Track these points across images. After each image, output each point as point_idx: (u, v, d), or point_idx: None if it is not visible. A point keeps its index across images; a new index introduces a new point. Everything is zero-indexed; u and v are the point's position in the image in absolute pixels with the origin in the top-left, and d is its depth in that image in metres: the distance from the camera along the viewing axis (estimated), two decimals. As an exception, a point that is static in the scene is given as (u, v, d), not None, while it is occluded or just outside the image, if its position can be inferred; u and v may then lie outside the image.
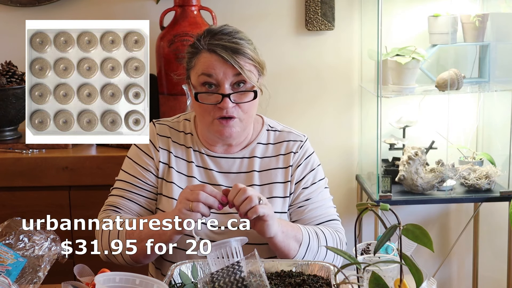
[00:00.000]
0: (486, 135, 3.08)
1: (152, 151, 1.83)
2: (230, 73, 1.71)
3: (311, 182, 1.84)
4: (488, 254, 3.20)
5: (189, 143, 1.85)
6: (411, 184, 2.80)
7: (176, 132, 1.87)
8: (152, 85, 2.86)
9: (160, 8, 2.88)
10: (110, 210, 1.81)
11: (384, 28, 2.73)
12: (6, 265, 1.51)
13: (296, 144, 1.86)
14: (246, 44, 1.75)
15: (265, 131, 1.89)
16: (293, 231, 1.69)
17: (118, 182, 1.86)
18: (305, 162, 1.85)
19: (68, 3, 2.99)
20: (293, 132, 1.89)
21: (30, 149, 2.60)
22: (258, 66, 1.76)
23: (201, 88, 1.74)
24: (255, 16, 3.01)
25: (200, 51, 1.74)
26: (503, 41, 2.96)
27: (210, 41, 1.73)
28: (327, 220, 1.82)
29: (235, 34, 1.75)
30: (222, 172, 1.83)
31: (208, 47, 1.72)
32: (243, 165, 1.83)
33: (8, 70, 2.63)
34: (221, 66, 1.71)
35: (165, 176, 1.82)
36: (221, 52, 1.70)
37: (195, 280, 1.50)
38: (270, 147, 1.86)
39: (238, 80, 1.72)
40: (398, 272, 1.29)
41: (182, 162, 1.83)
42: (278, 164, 1.84)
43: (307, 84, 3.07)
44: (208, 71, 1.72)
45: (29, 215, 2.45)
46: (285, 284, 1.49)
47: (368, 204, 1.31)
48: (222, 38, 1.73)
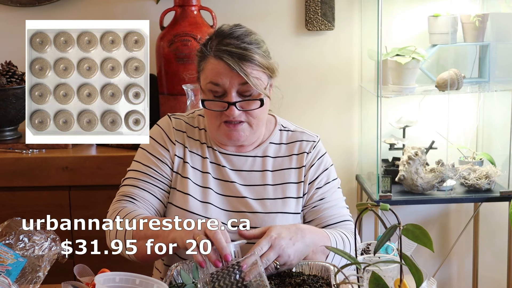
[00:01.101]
0: (486, 135, 3.08)
1: (168, 143, 1.81)
2: (236, 82, 1.68)
3: (325, 182, 1.84)
4: (488, 254, 3.20)
5: (203, 138, 1.84)
6: (411, 184, 2.80)
7: (191, 127, 1.85)
8: (152, 85, 2.87)
9: (160, 8, 2.88)
10: (125, 200, 1.76)
11: (384, 28, 2.73)
12: (6, 265, 1.51)
13: (309, 144, 1.86)
14: (255, 48, 1.71)
15: (277, 131, 1.88)
16: (319, 240, 1.64)
17: (131, 172, 1.81)
18: (318, 162, 1.85)
19: (68, 3, 2.99)
20: (306, 133, 1.89)
21: (30, 149, 2.60)
22: (267, 71, 1.74)
23: (208, 94, 1.73)
24: (255, 16, 3.01)
25: (207, 56, 1.72)
26: (503, 41, 2.96)
27: (217, 46, 1.70)
28: (341, 221, 1.81)
29: (244, 38, 1.71)
30: (234, 169, 1.81)
31: (215, 53, 1.70)
32: (255, 163, 1.82)
33: (8, 70, 2.63)
34: (227, 73, 1.68)
35: (180, 171, 1.80)
36: (228, 59, 1.67)
37: (196, 280, 1.50)
38: (283, 147, 1.86)
39: (245, 88, 1.70)
40: (398, 272, 1.29)
41: (197, 157, 1.82)
42: (292, 164, 1.84)
43: (307, 84, 3.07)
44: (215, 80, 1.69)
45: (29, 215, 2.45)
46: (285, 284, 1.49)
47: (368, 204, 1.31)
48: (230, 43, 1.69)
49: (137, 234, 1.64)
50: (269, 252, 1.51)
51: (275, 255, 1.52)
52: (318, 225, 1.79)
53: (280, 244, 1.53)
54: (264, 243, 1.51)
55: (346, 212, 1.84)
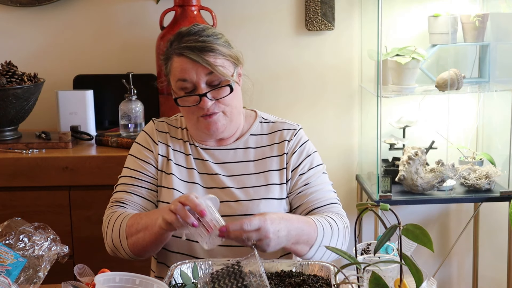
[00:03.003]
0: (486, 135, 3.08)
1: (151, 144, 1.88)
2: (202, 73, 1.74)
3: (308, 167, 1.86)
4: (488, 254, 3.20)
5: (185, 137, 1.89)
6: (411, 184, 2.80)
7: (174, 128, 1.92)
8: (152, 85, 2.87)
9: (160, 8, 2.88)
10: (116, 206, 1.84)
11: (384, 28, 2.73)
12: (6, 265, 1.51)
13: (290, 132, 1.89)
14: (214, 39, 1.77)
15: (258, 123, 1.93)
16: (304, 236, 1.68)
17: (121, 179, 1.89)
18: (300, 149, 1.87)
19: (68, 3, 2.99)
20: (286, 122, 1.93)
21: (30, 149, 2.60)
22: (231, 58, 1.79)
23: (180, 92, 1.79)
24: (255, 16, 3.01)
25: (171, 57, 1.79)
26: (503, 41, 2.96)
27: (178, 45, 1.77)
28: (327, 204, 1.82)
29: (201, 32, 1.78)
30: (217, 163, 1.86)
31: (176, 51, 1.77)
32: (237, 155, 1.87)
33: (8, 70, 2.63)
34: (192, 67, 1.74)
35: (164, 169, 1.86)
36: (189, 54, 1.74)
37: (196, 280, 1.50)
38: (264, 137, 1.90)
39: (212, 77, 1.75)
40: (398, 272, 1.29)
41: (180, 155, 1.87)
42: (273, 152, 1.87)
43: (307, 84, 3.07)
44: (182, 76, 1.76)
45: (29, 215, 2.47)
46: (285, 284, 1.49)
47: (368, 204, 1.31)
48: (189, 39, 1.76)
49: (129, 231, 1.74)
50: (254, 232, 1.56)
51: (258, 237, 1.56)
52: (305, 210, 1.82)
53: (267, 228, 1.57)
54: (255, 222, 1.56)
55: (333, 195, 1.86)
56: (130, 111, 2.71)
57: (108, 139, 2.68)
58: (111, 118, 2.91)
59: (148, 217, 1.72)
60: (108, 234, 1.80)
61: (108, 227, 1.80)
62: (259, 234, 1.56)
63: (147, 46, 2.95)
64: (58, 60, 3.02)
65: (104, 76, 2.93)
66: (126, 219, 1.76)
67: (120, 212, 1.80)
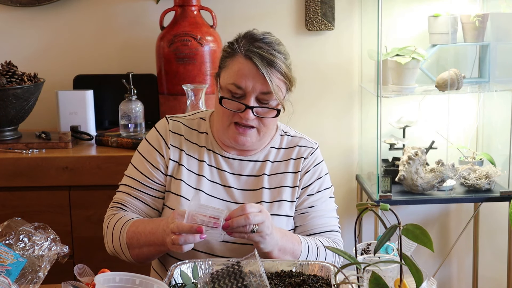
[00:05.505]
0: (486, 135, 3.08)
1: (163, 148, 1.83)
2: (259, 89, 1.70)
3: (317, 190, 1.85)
4: (488, 254, 3.20)
5: (202, 142, 1.84)
6: (411, 184, 2.80)
7: (190, 130, 1.86)
8: (152, 85, 2.87)
9: (160, 8, 2.88)
10: (117, 207, 1.82)
11: (384, 28, 2.73)
12: (6, 265, 1.51)
13: (307, 150, 1.87)
14: (283, 58, 1.74)
15: (278, 136, 1.89)
16: (292, 247, 1.70)
17: (126, 178, 1.85)
18: (314, 169, 1.85)
19: (68, 3, 2.99)
20: (305, 138, 1.90)
21: (30, 149, 2.60)
22: (288, 83, 1.76)
23: (227, 93, 1.74)
24: (255, 16, 3.01)
25: (236, 54, 1.73)
26: (503, 41, 2.96)
27: (249, 47, 1.72)
28: (327, 231, 1.82)
29: (275, 46, 1.74)
30: (234, 173, 1.83)
31: (246, 52, 1.71)
32: (255, 168, 1.84)
33: (8, 70, 2.63)
34: (253, 76, 1.70)
35: (174, 174, 1.82)
36: (257, 60, 1.69)
37: (196, 280, 1.50)
38: (281, 151, 1.87)
39: (266, 96, 1.72)
40: (398, 272, 1.29)
41: (193, 160, 1.83)
42: (288, 168, 1.84)
43: (307, 84, 3.07)
44: (238, 82, 1.71)
45: (29, 215, 2.47)
46: (285, 284, 1.49)
47: (368, 204, 1.31)
48: (261, 46, 1.72)
49: (130, 243, 1.74)
50: (258, 214, 1.58)
51: (261, 219, 1.58)
52: (304, 232, 1.81)
53: (267, 214, 1.60)
54: (255, 206, 1.59)
55: (334, 223, 1.85)
56: (130, 111, 2.71)
57: (108, 139, 2.68)
58: (111, 118, 2.91)
59: (152, 234, 1.69)
60: (108, 237, 1.79)
61: (108, 230, 1.79)
62: (261, 216, 1.57)
63: (147, 46, 2.94)
64: (58, 60, 3.02)
65: (104, 76, 2.93)
66: (126, 226, 1.74)
67: (119, 216, 1.78)
